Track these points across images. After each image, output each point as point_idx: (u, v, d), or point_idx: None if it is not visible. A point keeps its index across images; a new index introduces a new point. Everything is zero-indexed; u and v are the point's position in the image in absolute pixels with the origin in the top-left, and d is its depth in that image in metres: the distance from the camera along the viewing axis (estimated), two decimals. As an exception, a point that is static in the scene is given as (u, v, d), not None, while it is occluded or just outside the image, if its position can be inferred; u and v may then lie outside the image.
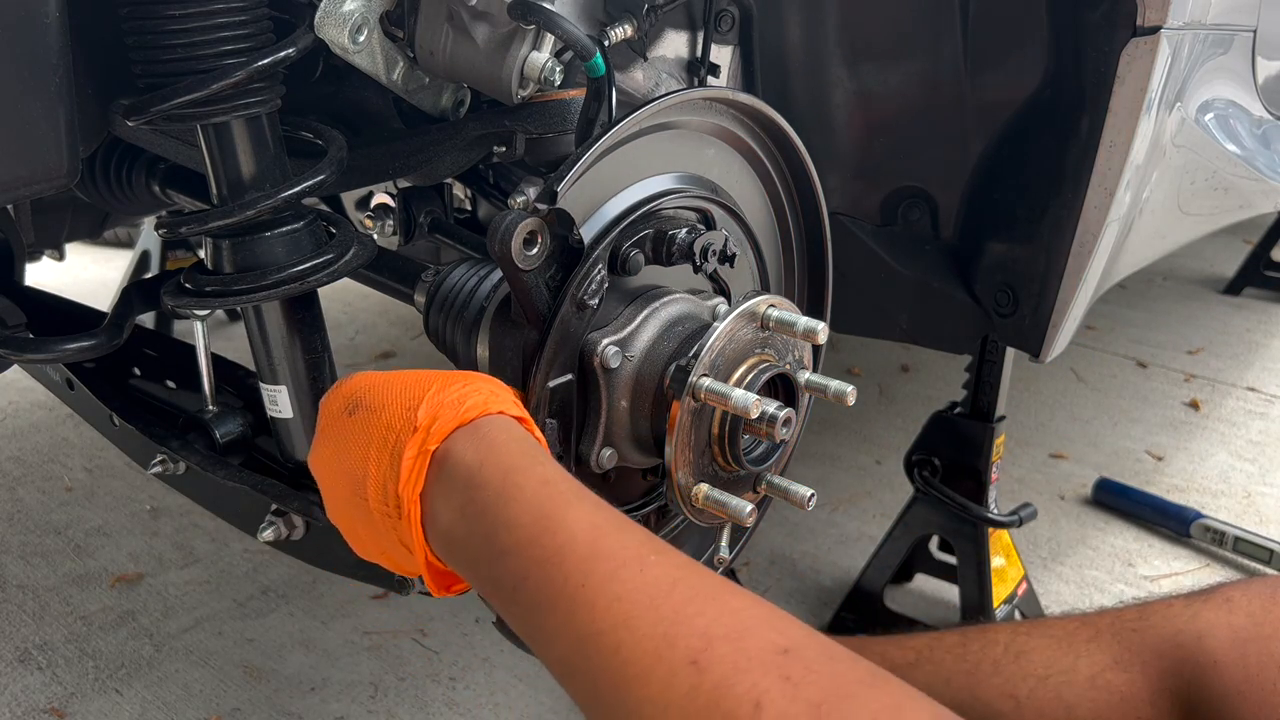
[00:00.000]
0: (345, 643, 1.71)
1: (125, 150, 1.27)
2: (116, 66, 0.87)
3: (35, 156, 0.75)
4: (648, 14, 1.08)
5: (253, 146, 0.88)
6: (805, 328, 0.90)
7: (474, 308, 0.97)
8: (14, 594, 1.81)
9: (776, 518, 2.10)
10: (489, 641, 1.71)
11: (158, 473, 1.06)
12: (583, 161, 0.82)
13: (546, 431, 0.86)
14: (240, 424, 1.09)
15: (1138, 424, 2.57)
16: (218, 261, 0.92)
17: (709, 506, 0.89)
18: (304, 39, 0.87)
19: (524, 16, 0.88)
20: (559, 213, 0.82)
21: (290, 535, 0.99)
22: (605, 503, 0.72)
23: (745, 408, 0.84)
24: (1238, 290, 3.58)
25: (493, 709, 1.57)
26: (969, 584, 1.65)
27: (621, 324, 0.89)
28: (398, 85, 0.97)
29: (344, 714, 1.55)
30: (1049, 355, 1.42)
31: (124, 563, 1.91)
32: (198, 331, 1.05)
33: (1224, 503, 2.23)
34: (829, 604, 1.83)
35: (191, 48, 0.83)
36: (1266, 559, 1.97)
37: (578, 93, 0.99)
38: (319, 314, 0.98)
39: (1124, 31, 1.15)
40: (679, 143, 0.94)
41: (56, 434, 2.40)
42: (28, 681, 1.60)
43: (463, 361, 0.98)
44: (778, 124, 0.98)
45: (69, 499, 2.13)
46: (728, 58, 1.25)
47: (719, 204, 0.97)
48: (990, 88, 1.27)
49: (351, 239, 0.95)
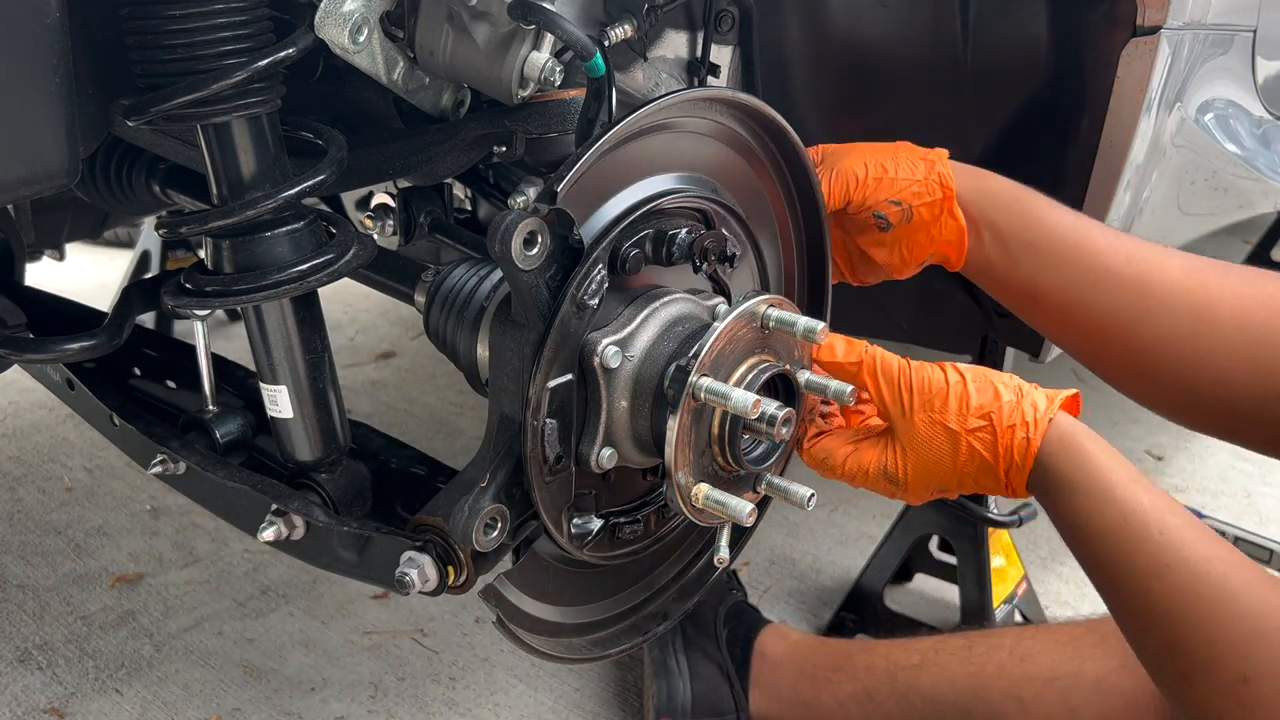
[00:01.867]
0: (345, 643, 1.71)
1: (125, 150, 1.27)
2: (116, 66, 0.87)
3: (35, 156, 0.75)
4: (648, 14, 1.08)
5: (253, 146, 0.88)
6: (805, 328, 0.90)
7: (474, 308, 0.97)
8: (14, 594, 1.81)
9: (776, 518, 2.10)
10: (489, 641, 1.71)
11: (158, 473, 1.06)
12: (583, 162, 0.82)
13: (546, 431, 0.86)
14: (240, 424, 1.09)
15: (1137, 424, 2.57)
16: (218, 261, 0.92)
17: (709, 506, 0.89)
18: (304, 39, 0.87)
19: (524, 16, 0.88)
20: (559, 213, 0.82)
21: (290, 535, 0.99)
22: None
23: (745, 408, 0.84)
24: (1238, 290, 3.57)
25: (493, 709, 1.57)
26: (969, 584, 1.65)
27: (621, 324, 0.89)
28: (398, 85, 0.97)
29: (344, 714, 1.55)
30: (1049, 355, 1.42)
31: (124, 563, 1.91)
32: (198, 331, 1.05)
33: (1224, 503, 2.23)
34: (829, 604, 1.83)
35: (192, 48, 0.83)
36: (1266, 559, 1.97)
37: (578, 93, 0.99)
38: (319, 314, 0.98)
39: (1124, 31, 1.15)
40: (679, 143, 0.94)
41: (57, 434, 2.40)
42: (28, 681, 1.60)
43: (463, 361, 0.98)
44: (778, 124, 0.98)
45: (69, 499, 2.13)
46: (728, 58, 1.25)
47: (719, 204, 0.97)
48: (991, 88, 1.27)
49: (352, 239, 0.95)
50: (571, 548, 0.93)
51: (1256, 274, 1.06)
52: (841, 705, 1.38)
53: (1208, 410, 1.07)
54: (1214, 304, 1.04)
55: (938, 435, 0.95)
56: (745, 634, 1.50)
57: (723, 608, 1.53)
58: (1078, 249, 1.08)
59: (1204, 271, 1.06)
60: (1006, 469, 0.94)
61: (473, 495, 0.86)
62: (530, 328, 0.84)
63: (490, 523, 0.87)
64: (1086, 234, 1.09)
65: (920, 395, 0.96)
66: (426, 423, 2.50)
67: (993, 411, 0.94)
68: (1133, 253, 1.07)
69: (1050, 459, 0.92)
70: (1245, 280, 1.05)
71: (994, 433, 0.93)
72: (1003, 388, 0.95)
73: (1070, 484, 0.91)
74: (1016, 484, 0.95)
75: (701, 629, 1.50)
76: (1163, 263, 1.07)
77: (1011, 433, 0.93)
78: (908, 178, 1.10)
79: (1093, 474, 0.90)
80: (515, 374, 0.85)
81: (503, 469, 0.87)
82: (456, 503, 0.87)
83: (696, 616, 1.49)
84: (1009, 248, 1.10)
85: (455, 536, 0.87)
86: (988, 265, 1.13)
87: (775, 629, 1.52)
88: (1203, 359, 1.04)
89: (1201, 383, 1.05)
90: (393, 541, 0.92)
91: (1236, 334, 1.02)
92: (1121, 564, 0.88)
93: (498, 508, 0.87)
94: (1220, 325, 1.03)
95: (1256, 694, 0.80)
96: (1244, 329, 1.02)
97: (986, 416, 0.94)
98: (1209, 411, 1.07)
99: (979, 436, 0.94)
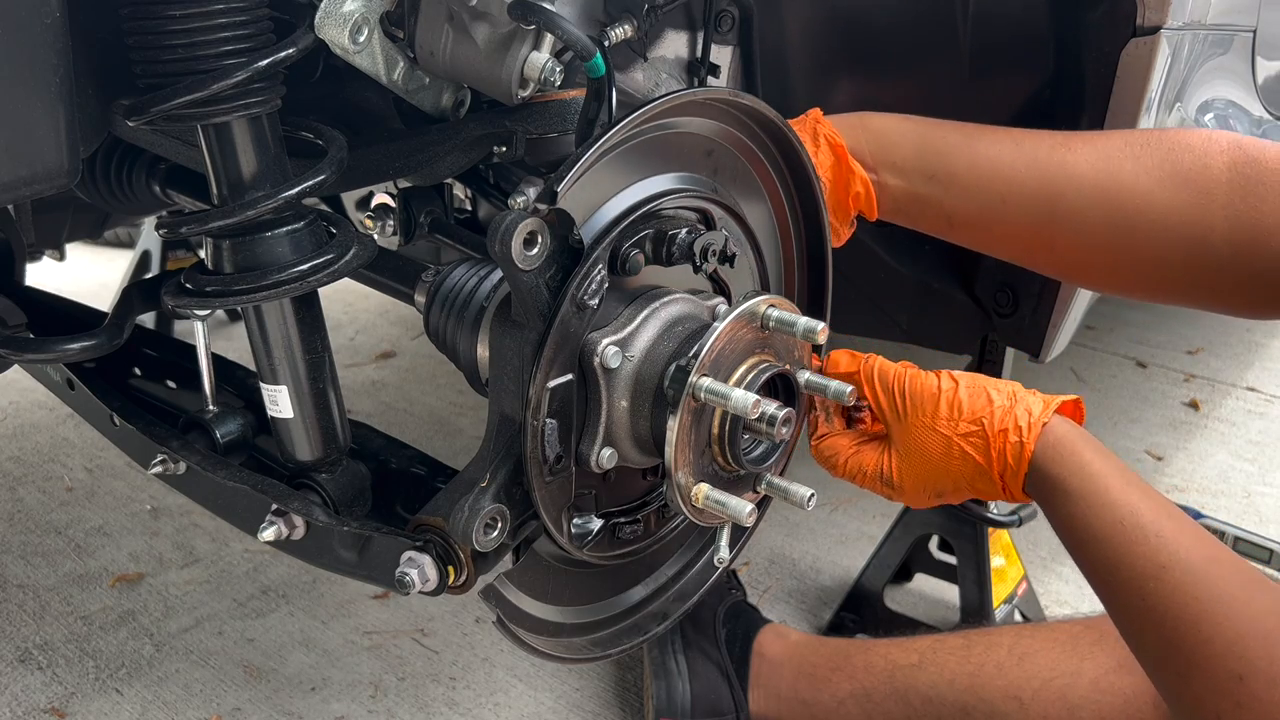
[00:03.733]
0: (345, 642, 1.71)
1: (125, 150, 1.27)
2: (116, 66, 0.87)
3: (35, 156, 0.75)
4: (648, 14, 1.08)
5: (253, 146, 0.88)
6: (805, 328, 0.91)
7: (474, 308, 0.97)
8: (14, 594, 1.81)
9: (776, 518, 2.10)
10: (489, 641, 1.72)
11: (158, 473, 1.06)
12: (583, 162, 0.82)
13: (547, 431, 0.86)
14: (240, 424, 1.09)
15: (1137, 424, 2.57)
16: (218, 261, 0.92)
17: (709, 506, 0.89)
18: (304, 39, 0.87)
19: (524, 17, 0.88)
20: (559, 213, 0.82)
21: (290, 535, 0.99)
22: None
23: (745, 408, 0.84)
24: (1237, 290, 3.57)
25: (493, 709, 1.57)
26: (969, 584, 1.65)
27: (621, 324, 0.89)
28: (398, 85, 0.97)
29: (344, 714, 1.55)
30: (1049, 355, 1.42)
31: (124, 562, 1.91)
32: (198, 331, 1.05)
33: (1224, 503, 2.23)
34: (829, 604, 1.83)
35: (192, 48, 0.83)
36: (1266, 559, 1.97)
37: (578, 93, 0.99)
38: (319, 314, 0.98)
39: (1124, 31, 1.15)
40: (679, 143, 0.94)
41: (57, 434, 2.40)
42: (28, 681, 1.60)
43: (463, 361, 0.98)
44: (778, 124, 0.99)
45: (69, 499, 2.13)
46: (728, 58, 1.25)
47: (719, 204, 0.97)
48: (991, 88, 1.27)
49: (352, 239, 0.95)
50: (571, 548, 0.93)
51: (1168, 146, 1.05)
52: (840, 704, 1.39)
53: (1155, 284, 1.08)
54: (1127, 193, 1.03)
55: (930, 439, 0.96)
56: (744, 634, 1.51)
57: (722, 607, 1.53)
58: (977, 172, 1.08)
59: (1113, 159, 1.05)
60: (1001, 472, 0.95)
61: (473, 495, 0.86)
62: (530, 328, 0.84)
63: (490, 523, 0.87)
64: (981, 153, 1.08)
65: (914, 400, 0.98)
66: (426, 423, 2.50)
67: (984, 416, 0.94)
68: (1033, 161, 1.07)
69: (1045, 464, 0.93)
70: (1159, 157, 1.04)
71: (986, 437, 0.94)
72: (996, 393, 0.96)
73: (1065, 488, 0.92)
74: (1013, 488, 0.95)
75: (701, 629, 1.50)
76: (1066, 160, 1.06)
77: (1004, 437, 0.94)
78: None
79: (1088, 478, 0.91)
80: (515, 374, 0.85)
81: (503, 469, 0.87)
82: (457, 503, 0.87)
83: (695, 616, 1.49)
84: (911, 183, 1.11)
85: (455, 536, 0.87)
86: (896, 204, 1.14)
87: (774, 628, 1.52)
88: (1133, 247, 1.04)
89: (1140, 264, 1.05)
90: (393, 541, 0.92)
91: (1161, 219, 1.03)
92: (1118, 566, 0.89)
93: (498, 508, 0.87)
94: (1140, 216, 1.03)
95: (1252, 691, 0.81)
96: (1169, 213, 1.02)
97: (978, 421, 0.95)
98: (1156, 284, 1.08)
99: (970, 441, 0.95)
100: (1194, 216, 1.01)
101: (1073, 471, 0.91)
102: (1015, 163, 1.08)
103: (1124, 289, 1.14)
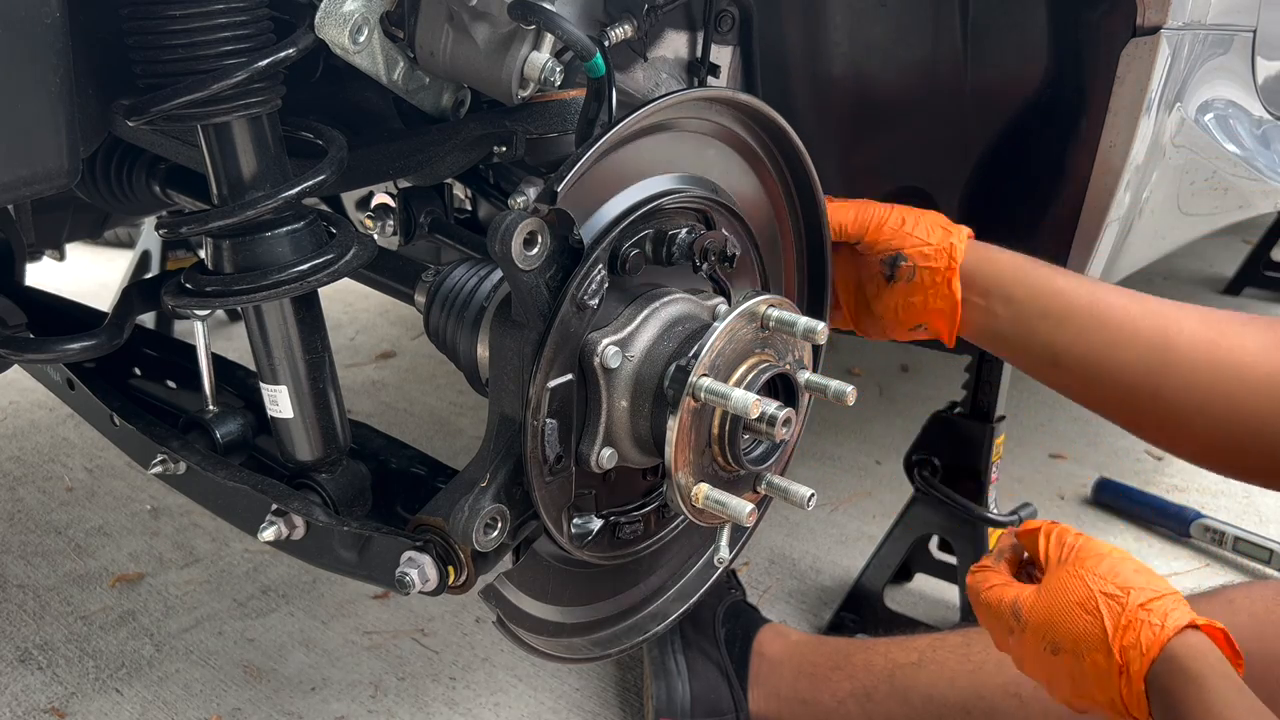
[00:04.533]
0: (345, 642, 1.71)
1: (125, 150, 1.27)
2: (116, 66, 0.87)
3: (35, 156, 0.75)
4: (648, 14, 1.08)
5: (253, 146, 0.88)
6: (805, 328, 0.90)
7: (474, 308, 0.97)
8: (14, 594, 1.81)
9: (776, 518, 2.10)
10: (489, 641, 1.72)
11: (158, 473, 1.06)
12: (583, 162, 0.82)
13: (547, 431, 0.86)
14: (240, 424, 1.09)
15: (1138, 424, 2.57)
16: (218, 261, 0.92)
17: (709, 506, 0.89)
18: (304, 39, 0.87)
19: (524, 17, 0.88)
20: (559, 213, 0.82)
21: (291, 535, 0.99)
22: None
23: (745, 408, 0.84)
24: (1237, 290, 3.57)
25: (493, 709, 1.57)
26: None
27: (621, 324, 0.89)
28: (398, 85, 0.97)
29: (344, 714, 1.55)
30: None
31: (124, 562, 1.91)
32: (198, 331, 1.05)
33: (1223, 503, 2.23)
34: (829, 604, 1.83)
35: (192, 48, 0.83)
36: (1266, 559, 1.97)
37: (578, 93, 0.99)
38: (319, 314, 0.98)
39: (1124, 31, 1.15)
40: (679, 143, 0.94)
41: (57, 434, 2.40)
42: (28, 681, 1.60)
43: (463, 361, 0.98)
44: (778, 124, 0.99)
45: (69, 499, 2.13)
46: (728, 58, 1.25)
47: (719, 204, 0.97)
48: (990, 88, 1.28)
49: (352, 239, 0.95)
50: (571, 548, 0.93)
51: (1274, 320, 1.07)
52: (840, 704, 1.39)
53: (1250, 459, 1.07)
54: (1236, 352, 1.04)
55: (1075, 584, 0.96)
56: (744, 633, 1.51)
57: (721, 607, 1.53)
58: (1093, 312, 1.09)
59: (1222, 322, 1.07)
60: (1122, 648, 0.92)
61: (473, 495, 0.86)
62: (530, 328, 0.84)
63: (490, 522, 0.87)
64: (1101, 297, 1.10)
65: (1081, 553, 0.99)
66: (426, 423, 2.50)
67: (1132, 589, 0.94)
68: (1148, 310, 1.09)
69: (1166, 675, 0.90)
70: (1265, 325, 1.06)
71: (1123, 606, 0.93)
72: (1151, 579, 0.95)
73: (1180, 706, 0.88)
74: (1134, 670, 0.91)
75: (700, 629, 1.50)
76: (1180, 317, 1.08)
77: (1139, 612, 0.92)
78: (922, 238, 1.13)
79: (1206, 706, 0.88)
80: (515, 374, 0.85)
81: (503, 469, 0.87)
82: (457, 503, 0.87)
83: (695, 616, 1.49)
84: (1023, 316, 1.12)
85: (455, 536, 0.87)
86: (1003, 335, 1.14)
87: (774, 628, 1.53)
88: (1235, 409, 1.04)
89: (1237, 432, 1.05)
90: (393, 541, 0.92)
91: (1265, 380, 1.03)
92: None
93: (498, 508, 0.87)
94: (1246, 373, 1.03)
95: None
96: (1273, 374, 1.03)
97: (1126, 590, 0.94)
98: (1252, 461, 1.07)
99: (1108, 602, 0.94)
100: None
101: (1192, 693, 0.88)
102: (1130, 307, 1.09)
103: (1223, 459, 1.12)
